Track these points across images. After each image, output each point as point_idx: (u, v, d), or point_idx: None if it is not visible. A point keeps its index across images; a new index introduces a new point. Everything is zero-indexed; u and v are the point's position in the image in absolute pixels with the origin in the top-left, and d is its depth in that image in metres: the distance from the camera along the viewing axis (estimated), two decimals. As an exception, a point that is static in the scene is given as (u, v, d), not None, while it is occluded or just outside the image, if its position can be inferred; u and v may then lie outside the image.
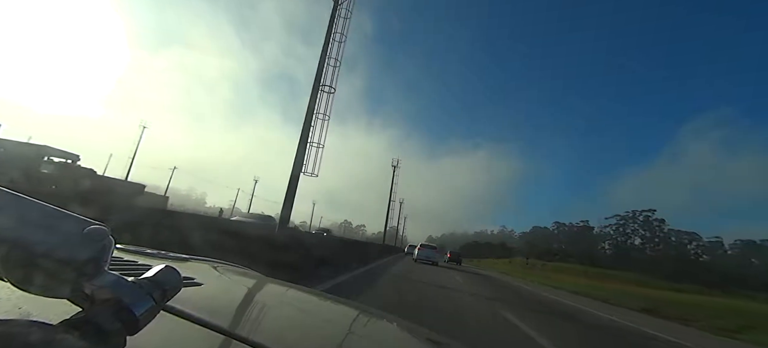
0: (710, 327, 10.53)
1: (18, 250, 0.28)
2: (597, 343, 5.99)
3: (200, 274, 0.85)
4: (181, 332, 0.49)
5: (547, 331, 5.58)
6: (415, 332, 1.00)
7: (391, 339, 0.92)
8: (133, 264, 0.74)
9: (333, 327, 0.82)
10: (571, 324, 7.45)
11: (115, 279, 0.31)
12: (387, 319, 1.05)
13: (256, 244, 6.42)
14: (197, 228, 5.45)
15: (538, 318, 7.24)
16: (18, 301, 0.38)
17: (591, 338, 6.32)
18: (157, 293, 0.32)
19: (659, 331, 8.30)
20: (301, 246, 8.33)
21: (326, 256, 8.70)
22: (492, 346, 4.29)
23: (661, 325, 9.84)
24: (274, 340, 0.59)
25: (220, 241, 5.47)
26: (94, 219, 0.32)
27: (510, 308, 7.65)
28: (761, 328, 10.72)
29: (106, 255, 0.31)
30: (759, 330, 10.41)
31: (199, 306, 0.56)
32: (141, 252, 0.94)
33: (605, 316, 9.59)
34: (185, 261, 1.00)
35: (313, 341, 0.68)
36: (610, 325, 8.29)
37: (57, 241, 0.29)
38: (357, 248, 15.48)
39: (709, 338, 9.00)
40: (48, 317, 0.31)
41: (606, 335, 6.86)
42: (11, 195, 0.30)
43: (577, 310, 10.19)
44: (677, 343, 7.00)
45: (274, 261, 5.41)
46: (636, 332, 7.73)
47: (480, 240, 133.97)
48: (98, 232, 0.31)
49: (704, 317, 11.92)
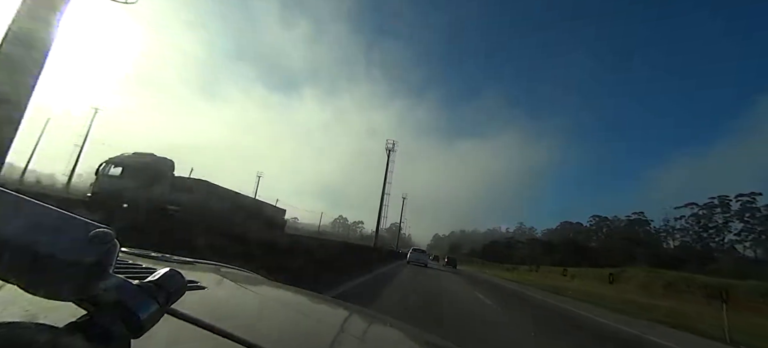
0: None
1: (25, 253, 0.28)
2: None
3: (204, 277, 0.85)
4: (185, 335, 0.49)
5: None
6: (417, 337, 1.00)
7: (394, 343, 0.92)
8: (137, 267, 0.75)
9: (337, 331, 0.82)
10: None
11: (119, 282, 0.31)
12: (390, 323, 1.05)
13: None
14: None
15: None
16: (24, 303, 0.38)
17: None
18: (161, 296, 0.33)
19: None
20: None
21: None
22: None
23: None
24: (277, 344, 0.60)
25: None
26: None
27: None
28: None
29: (111, 258, 0.32)
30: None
31: (203, 309, 0.57)
32: (145, 255, 0.95)
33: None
34: (189, 264, 1.01)
35: (317, 345, 0.68)
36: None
37: (63, 245, 0.30)
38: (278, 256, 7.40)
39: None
40: (54, 320, 0.32)
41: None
42: (18, 198, 0.30)
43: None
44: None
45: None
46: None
47: (498, 240, 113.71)
48: (104, 236, 0.31)
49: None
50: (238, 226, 13.21)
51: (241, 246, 6.25)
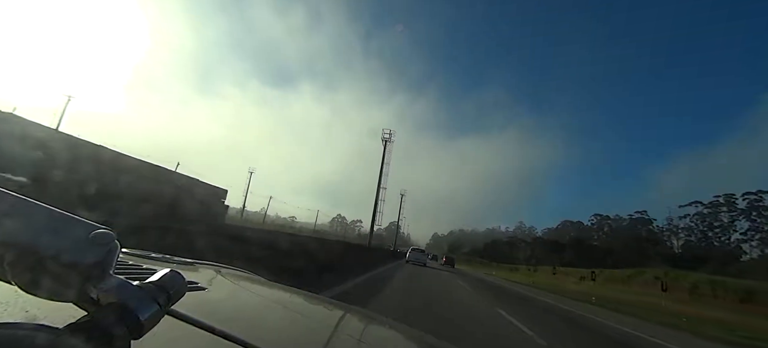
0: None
1: (25, 253, 0.28)
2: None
3: (205, 278, 0.86)
4: (186, 337, 0.49)
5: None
6: (416, 337, 1.00)
7: (393, 344, 0.92)
8: (138, 268, 0.75)
9: (337, 333, 0.82)
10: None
11: (120, 283, 0.31)
12: (389, 324, 1.05)
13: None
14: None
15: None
16: (25, 304, 0.38)
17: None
18: (162, 297, 0.33)
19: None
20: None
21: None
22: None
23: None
24: (278, 345, 0.60)
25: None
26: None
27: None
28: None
29: (112, 259, 0.31)
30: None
31: (204, 310, 0.56)
32: (146, 256, 0.95)
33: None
34: (190, 265, 1.01)
35: (317, 346, 0.68)
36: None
37: (64, 245, 0.29)
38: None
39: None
40: (54, 320, 0.31)
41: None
42: (19, 199, 0.30)
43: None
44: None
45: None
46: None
47: (498, 239, 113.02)
48: (104, 237, 0.31)
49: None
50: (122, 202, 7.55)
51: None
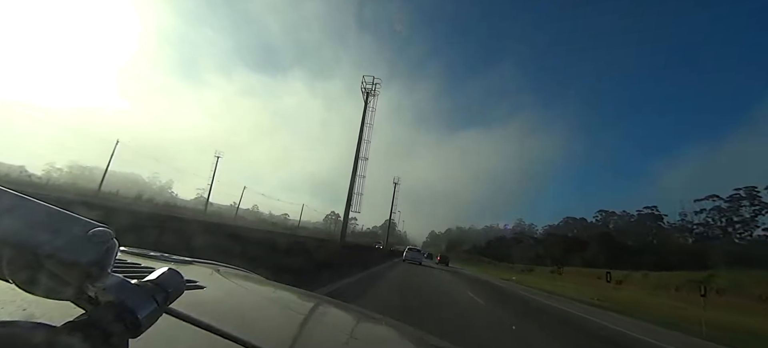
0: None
1: (23, 251, 0.28)
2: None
3: (203, 277, 0.85)
4: (184, 335, 0.49)
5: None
6: (415, 337, 1.00)
7: (393, 343, 0.92)
8: (136, 266, 0.75)
9: (336, 331, 0.82)
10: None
11: (118, 281, 0.31)
12: (389, 323, 1.05)
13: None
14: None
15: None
16: (22, 302, 0.38)
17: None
18: (160, 296, 0.32)
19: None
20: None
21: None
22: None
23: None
24: (276, 343, 0.60)
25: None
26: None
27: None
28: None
29: (110, 257, 0.31)
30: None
31: (202, 309, 0.56)
32: (144, 254, 0.95)
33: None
34: (188, 264, 1.01)
35: (316, 345, 0.68)
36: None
37: (62, 243, 0.29)
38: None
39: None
40: (52, 319, 0.31)
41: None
42: (16, 196, 0.30)
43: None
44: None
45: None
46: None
47: (499, 236, 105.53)
48: (103, 235, 0.31)
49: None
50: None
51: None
